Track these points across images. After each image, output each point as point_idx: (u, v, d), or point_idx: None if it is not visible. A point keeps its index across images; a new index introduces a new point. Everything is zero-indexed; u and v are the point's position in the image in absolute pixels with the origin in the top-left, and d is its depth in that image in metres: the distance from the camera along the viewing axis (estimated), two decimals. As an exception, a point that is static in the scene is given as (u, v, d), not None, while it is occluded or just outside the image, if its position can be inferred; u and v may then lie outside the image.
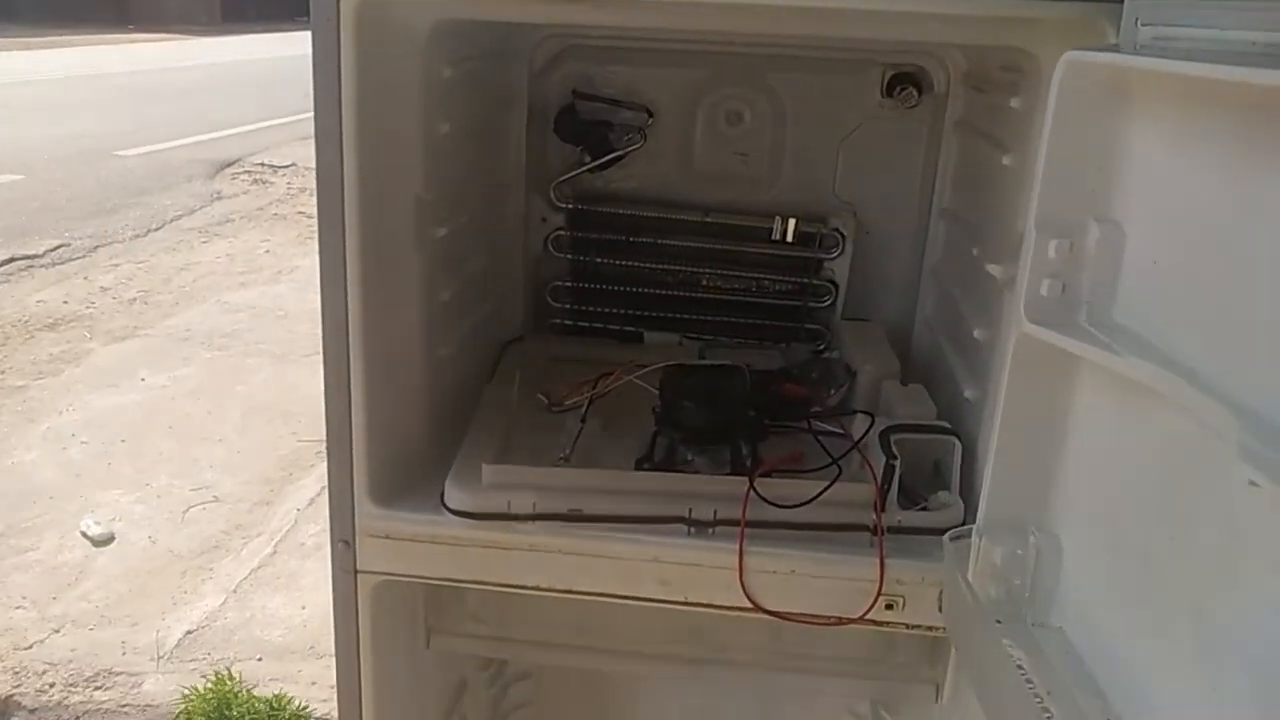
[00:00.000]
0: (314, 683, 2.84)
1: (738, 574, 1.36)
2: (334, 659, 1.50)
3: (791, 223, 1.91)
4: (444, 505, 1.43)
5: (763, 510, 1.37)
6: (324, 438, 1.46)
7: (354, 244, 1.34)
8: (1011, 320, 1.39)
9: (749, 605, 1.37)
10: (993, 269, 1.42)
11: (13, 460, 4.09)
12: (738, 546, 1.36)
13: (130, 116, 10.88)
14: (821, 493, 1.36)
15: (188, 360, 5.26)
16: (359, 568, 1.46)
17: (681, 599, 1.40)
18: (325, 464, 1.46)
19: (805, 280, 1.96)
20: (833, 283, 1.95)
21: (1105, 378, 1.10)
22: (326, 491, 1.48)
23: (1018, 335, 1.13)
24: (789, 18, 1.33)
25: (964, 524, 1.39)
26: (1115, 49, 1.06)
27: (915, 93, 1.84)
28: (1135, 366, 1.00)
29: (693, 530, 1.39)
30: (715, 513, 1.38)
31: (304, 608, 3.22)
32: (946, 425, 1.50)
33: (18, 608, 3.15)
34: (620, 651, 1.75)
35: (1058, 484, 1.18)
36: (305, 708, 2.40)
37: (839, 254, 1.93)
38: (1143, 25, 1.04)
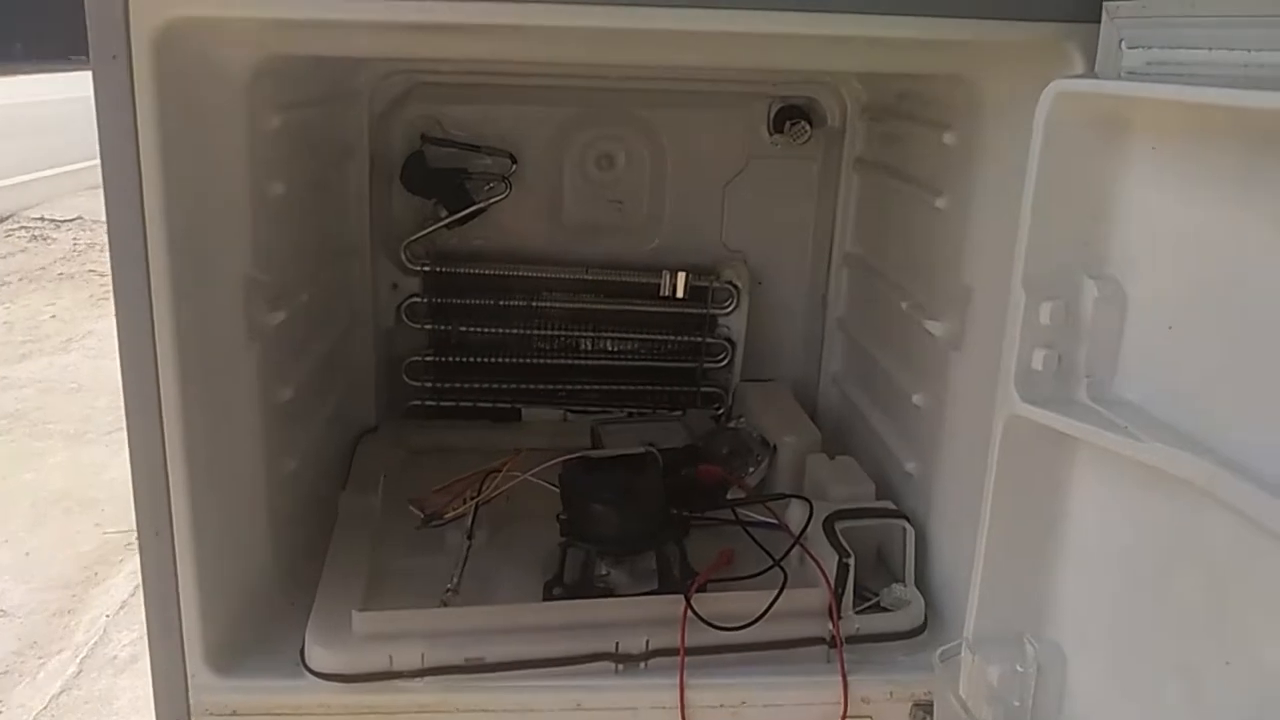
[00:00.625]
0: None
1: (679, 715, 1.13)
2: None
3: (681, 277, 1.71)
4: (305, 665, 1.13)
5: (702, 634, 1.15)
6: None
7: (168, 346, 1.03)
8: (956, 384, 1.25)
9: (696, 750, 1.14)
10: (932, 326, 1.26)
11: None
12: (678, 681, 1.12)
13: (-122, 169, 9.61)
14: (771, 605, 1.15)
15: (-37, 449, 4.56)
16: (198, 758, 1.13)
17: (614, 750, 1.15)
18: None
19: (699, 339, 1.76)
20: (729, 340, 1.76)
21: (1107, 459, 0.94)
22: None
23: (1007, 418, 0.96)
24: (684, 47, 1.11)
25: (925, 622, 1.22)
26: (1094, 77, 0.92)
27: (807, 127, 1.67)
28: (1159, 453, 0.84)
29: (621, 667, 1.15)
30: (647, 643, 1.15)
31: (123, 736, 2.74)
32: (894, 507, 1.32)
33: None
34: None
35: (1056, 584, 1.01)
36: None
37: (733, 308, 1.74)
38: (1129, 48, 0.90)
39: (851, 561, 1.19)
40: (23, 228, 8.12)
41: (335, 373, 1.58)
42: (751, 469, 1.48)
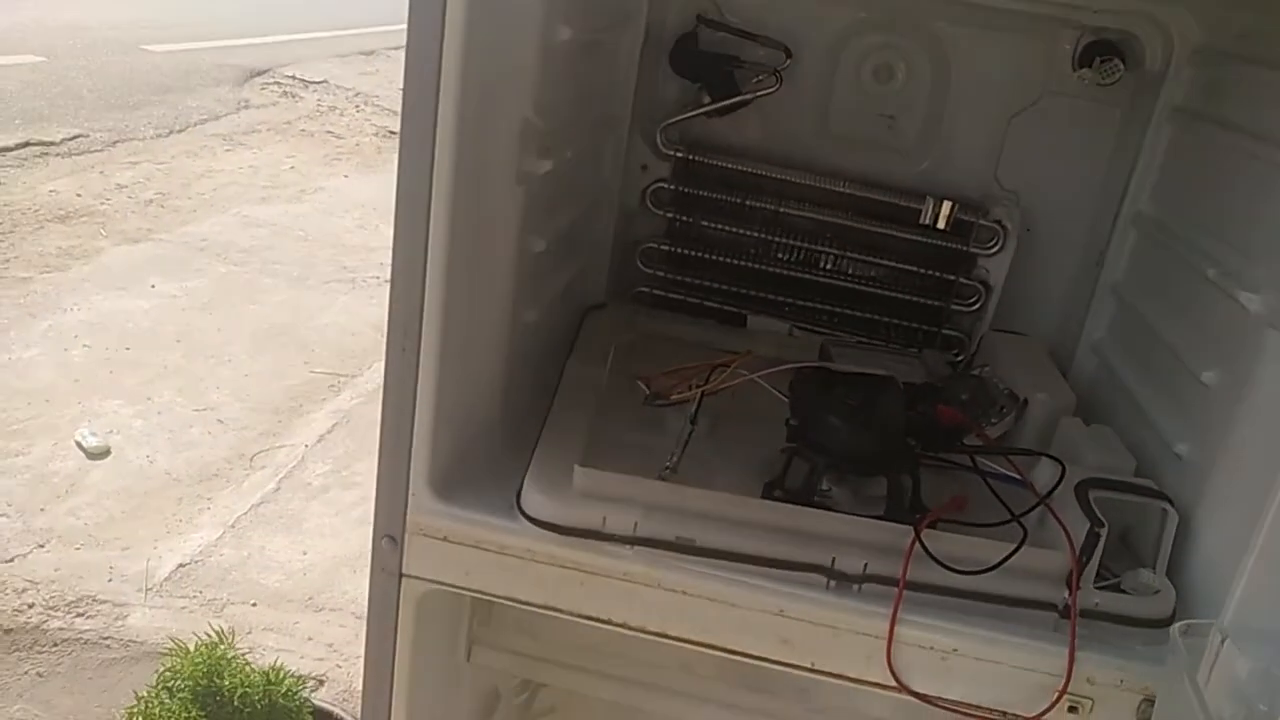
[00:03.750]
0: (310, 638, 2.60)
1: (886, 645, 1.07)
2: (335, 617, 1.20)
3: (946, 206, 1.59)
4: (520, 510, 1.14)
5: (926, 570, 1.07)
6: (337, 370, 1.15)
7: (445, 170, 1.02)
8: (1270, 365, 1.10)
9: (894, 684, 1.08)
10: (1247, 299, 1.11)
11: (10, 356, 3.81)
12: (891, 612, 1.06)
13: (162, 10, 10.46)
14: (1008, 557, 1.06)
15: (201, 271, 4.98)
16: (405, 571, 1.17)
17: (807, 664, 1.11)
18: (337, 399, 1.16)
19: (952, 277, 1.64)
20: (984, 284, 1.63)
21: None
22: (336, 429, 1.18)
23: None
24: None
25: (1173, 616, 1.11)
26: None
27: (1120, 65, 1.50)
28: None
29: (833, 584, 1.09)
30: (865, 566, 1.08)
31: (305, 553, 2.97)
32: (1155, 487, 1.20)
33: (2, 515, 2.90)
34: (666, 689, 1.47)
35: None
36: (302, 683, 2.14)
37: (996, 250, 1.61)
38: None
39: (1104, 531, 1.09)
40: (276, 83, 8.70)
41: (578, 241, 1.57)
42: (995, 420, 1.38)
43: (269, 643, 2.52)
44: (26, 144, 6.04)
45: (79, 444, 3.27)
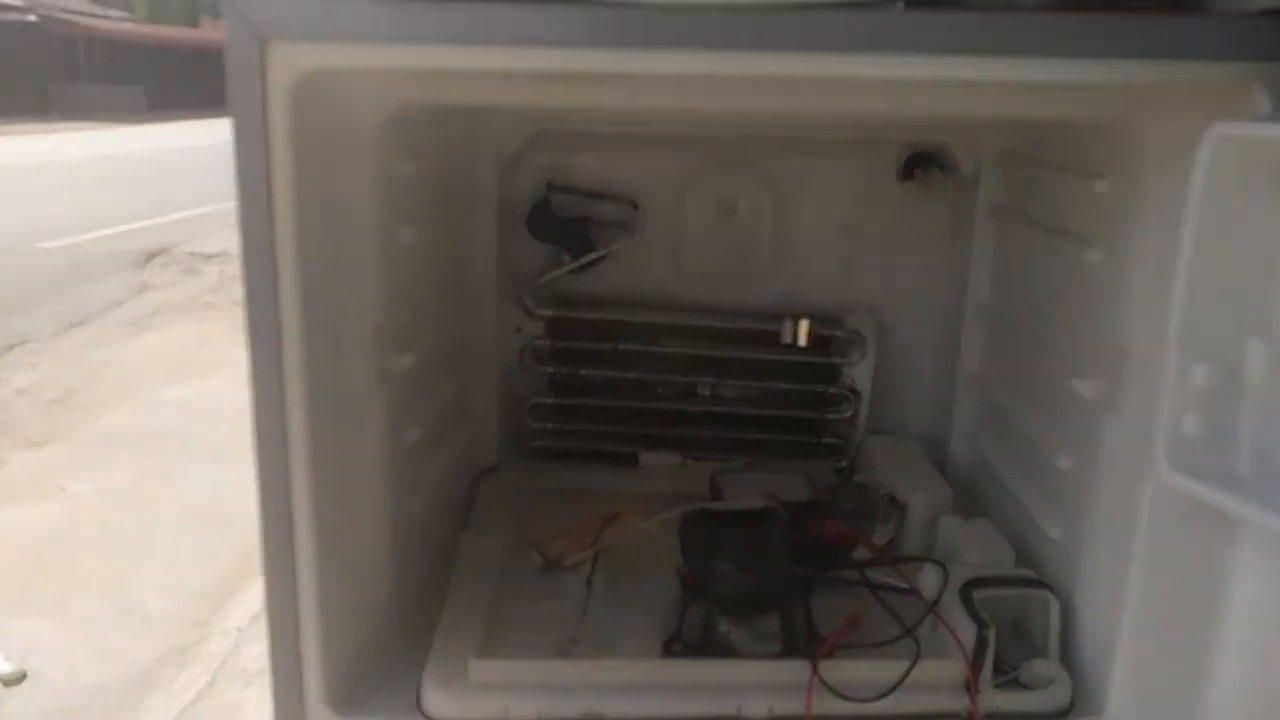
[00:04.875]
0: None
1: (801, 786, 1.08)
2: None
3: (804, 325, 1.66)
4: (421, 712, 1.13)
5: (830, 702, 1.09)
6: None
7: (297, 390, 1.05)
8: (1108, 448, 1.17)
9: (816, 825, 1.09)
10: (1081, 386, 1.18)
11: (-89, 587, 3.62)
12: (800, 751, 1.08)
13: (52, 207, 10.44)
14: (905, 677, 1.09)
15: (114, 465, 4.82)
16: (314, 795, 1.14)
17: (728, 816, 1.11)
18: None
19: (822, 389, 1.71)
20: (854, 390, 1.70)
21: (1274, 540, 0.86)
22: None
23: (1155, 487, 0.89)
24: (817, 93, 1.08)
25: (1071, 703, 1.14)
26: (1270, 119, 0.84)
27: (938, 173, 1.62)
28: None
29: (741, 732, 1.11)
30: (771, 709, 1.10)
31: (250, 747, 2.82)
32: (1035, 576, 1.25)
33: (-89, 771, 2.72)
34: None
35: (1215, 677, 0.92)
36: None
37: (860, 358, 1.69)
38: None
39: (991, 633, 1.12)
40: (175, 261, 8.67)
41: (460, 414, 1.60)
42: (879, 527, 1.42)
43: None
44: (-84, 364, 5.88)
45: (-9, 673, 3.12)
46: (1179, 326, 0.87)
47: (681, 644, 1.19)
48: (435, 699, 1.12)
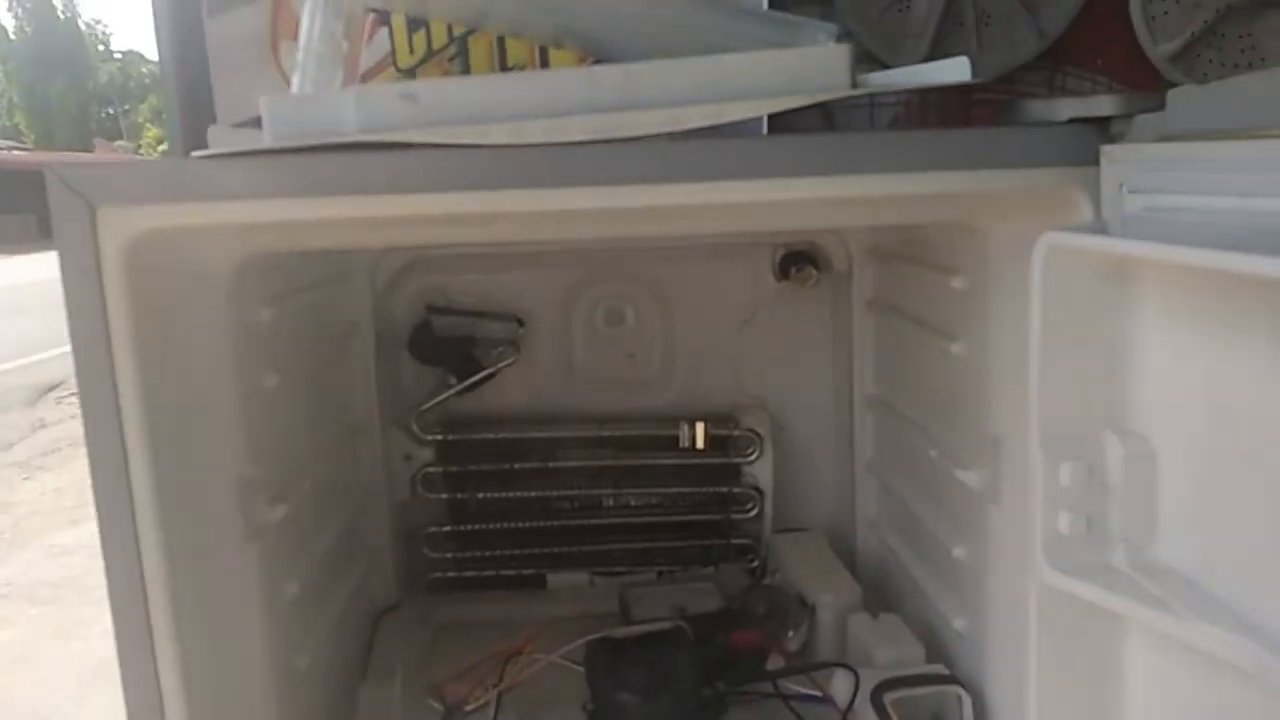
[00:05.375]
0: None
1: None
2: None
3: (700, 427, 1.65)
4: None
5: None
6: None
7: (154, 555, 0.98)
8: (996, 538, 1.17)
9: None
10: (964, 476, 1.19)
11: None
12: None
13: (-62, 345, 10.02)
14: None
15: (9, 621, 4.55)
16: None
17: None
18: None
19: (725, 489, 1.70)
20: (756, 489, 1.69)
21: (1156, 632, 0.86)
22: None
23: (1039, 586, 0.89)
24: (692, 218, 1.10)
25: (988, 806, 1.11)
26: (1101, 226, 0.87)
27: (813, 271, 1.65)
28: (1200, 632, 0.76)
29: None
30: None
31: None
32: (946, 672, 1.23)
33: None
34: None
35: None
36: None
37: (758, 456, 1.68)
38: (1130, 193, 0.86)
39: (900, 741, 1.10)
40: (72, 394, 8.34)
41: (350, 554, 1.53)
42: (791, 632, 1.39)
43: None
44: None
45: None
46: (1040, 428, 0.88)
47: (591, 786, 1.14)
48: None
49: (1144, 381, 0.86)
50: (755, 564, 1.69)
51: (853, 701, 1.19)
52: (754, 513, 1.70)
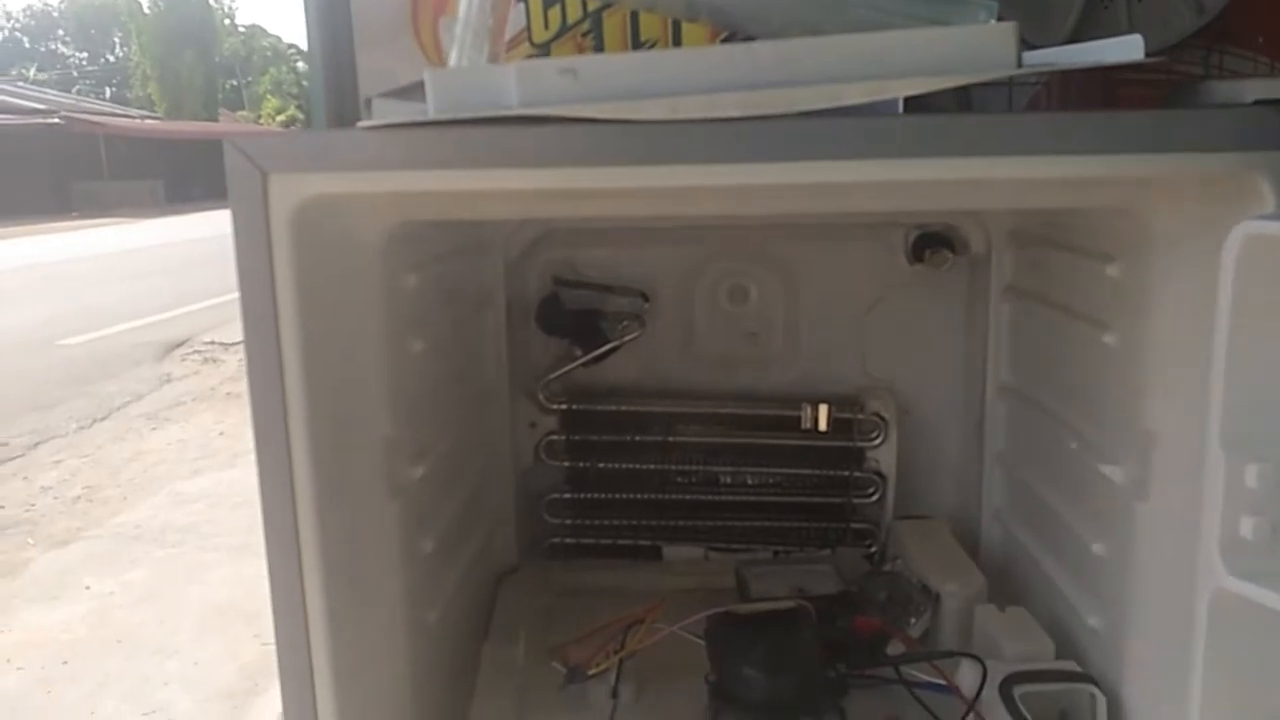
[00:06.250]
0: None
1: None
2: None
3: (823, 410, 1.64)
4: (443, 843, 1.09)
5: (868, 820, 1.04)
6: None
7: (309, 515, 1.03)
8: (1144, 535, 1.13)
9: None
10: (1109, 471, 1.15)
11: (-66, 700, 3.60)
12: None
13: (73, 304, 10.62)
14: (943, 791, 1.04)
15: (137, 561, 4.83)
16: None
17: None
18: None
19: (846, 473, 1.68)
20: (879, 474, 1.67)
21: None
22: None
23: (1214, 592, 0.85)
24: (829, 196, 1.08)
25: (1122, 809, 1.08)
26: (1287, 216, 0.83)
27: (948, 254, 1.60)
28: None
29: None
30: (805, 828, 1.05)
31: None
32: (1079, 669, 1.20)
33: None
34: None
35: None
36: None
37: (881, 441, 1.66)
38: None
39: (1031, 737, 1.08)
40: (196, 351, 8.77)
41: (477, 516, 1.58)
42: (913, 620, 1.38)
43: None
44: (-61, 467, 5.94)
45: (13, 790, 3.08)
46: (1222, 426, 0.84)
47: (713, 758, 1.15)
48: (458, 827, 1.08)
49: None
50: (873, 549, 1.68)
51: (979, 692, 1.17)
52: (875, 497, 1.68)
